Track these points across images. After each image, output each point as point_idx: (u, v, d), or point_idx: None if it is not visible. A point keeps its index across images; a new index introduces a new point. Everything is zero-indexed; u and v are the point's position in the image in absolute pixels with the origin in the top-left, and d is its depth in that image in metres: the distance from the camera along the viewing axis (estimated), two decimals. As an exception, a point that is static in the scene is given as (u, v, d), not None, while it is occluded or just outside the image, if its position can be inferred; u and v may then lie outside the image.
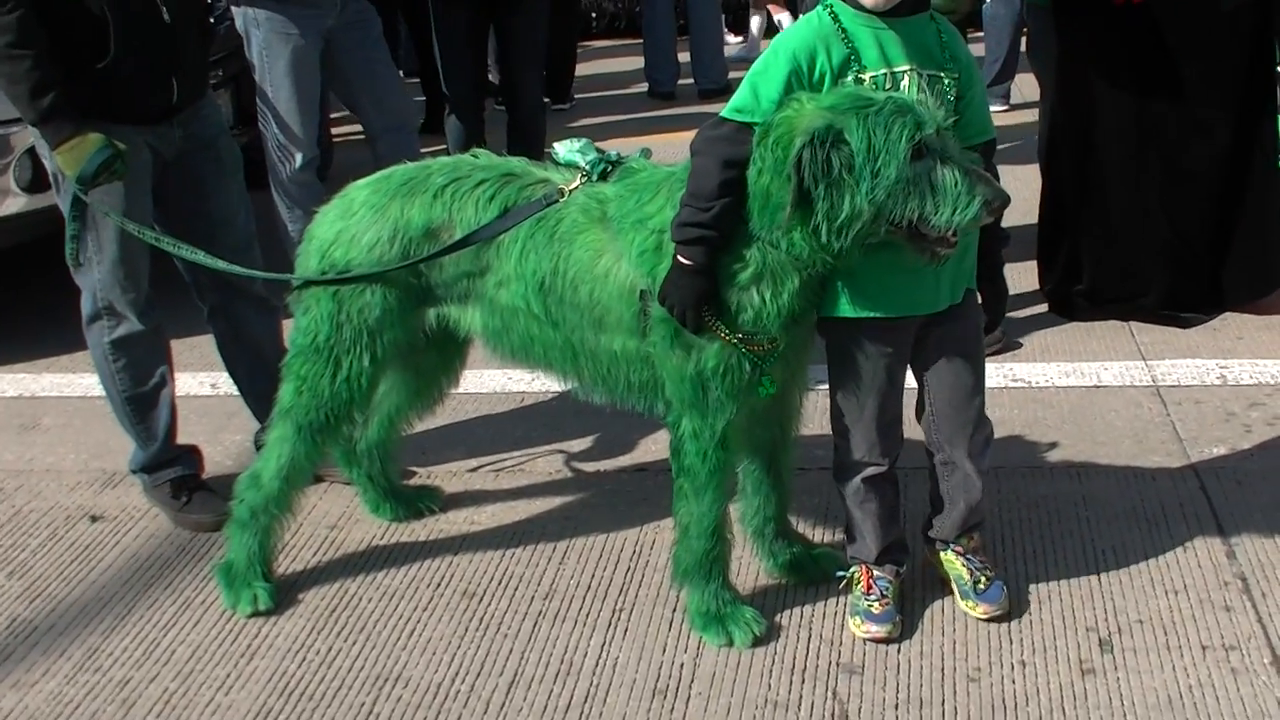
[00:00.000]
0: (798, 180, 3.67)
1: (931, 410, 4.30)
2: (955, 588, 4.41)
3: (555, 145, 4.33)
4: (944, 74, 3.94)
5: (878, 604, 4.30)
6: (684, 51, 12.68)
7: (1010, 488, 5.05)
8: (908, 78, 3.89)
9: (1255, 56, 6.36)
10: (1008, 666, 4.13)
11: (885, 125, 3.64)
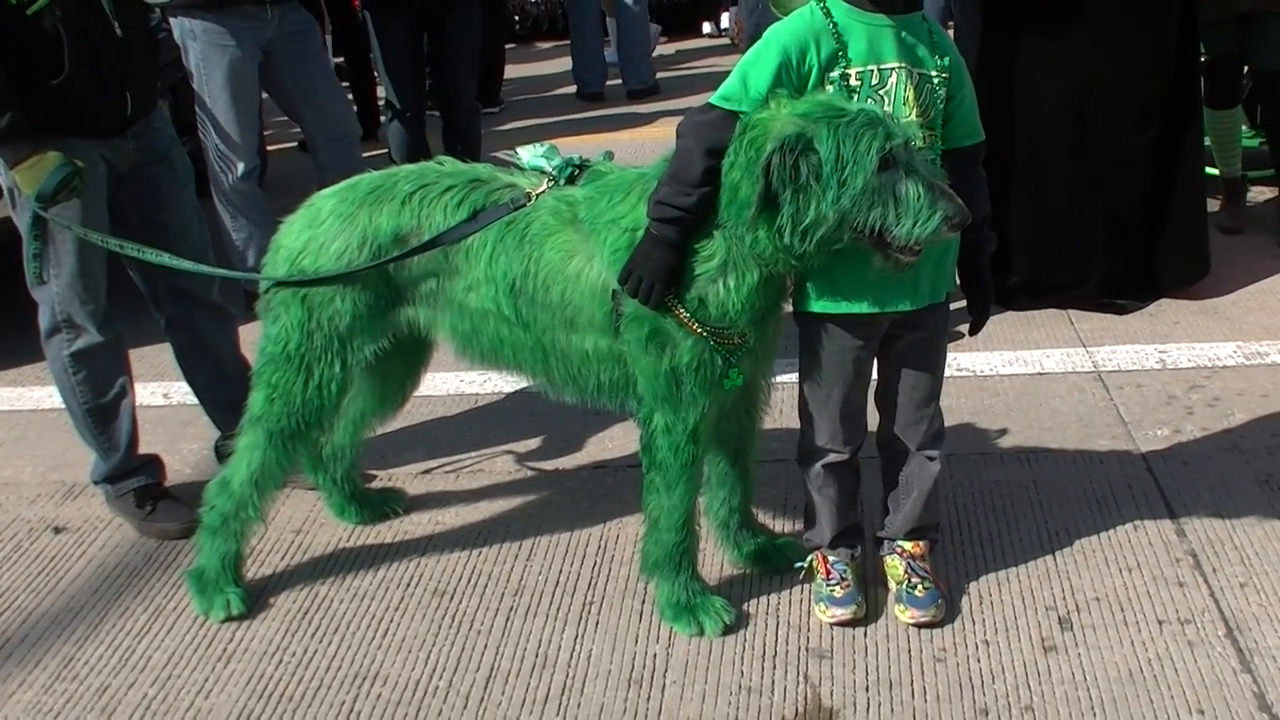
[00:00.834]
0: (765, 184, 3.74)
1: (891, 404, 4.38)
2: (892, 589, 4.48)
3: (519, 150, 4.39)
4: (934, 74, 4.01)
5: (839, 588, 4.39)
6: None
7: (962, 474, 5.16)
8: (895, 75, 3.95)
9: (1183, 43, 6.50)
10: (972, 646, 4.23)
11: (855, 136, 3.71)
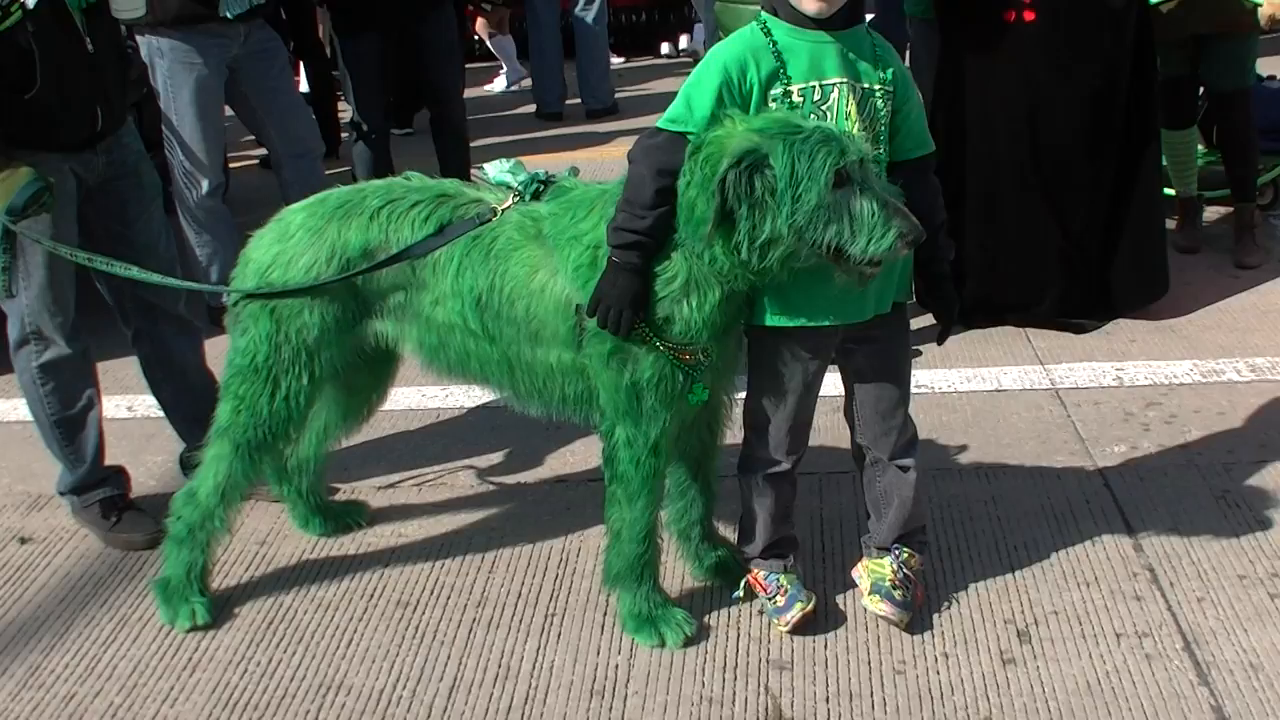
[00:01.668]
0: (720, 200, 3.78)
1: (859, 417, 4.43)
2: (868, 584, 4.49)
3: (485, 166, 4.43)
4: (877, 88, 4.05)
5: (779, 596, 4.45)
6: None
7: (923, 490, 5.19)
8: (837, 90, 3.99)
9: (1138, 71, 6.55)
10: (931, 659, 4.28)
11: (810, 153, 3.75)
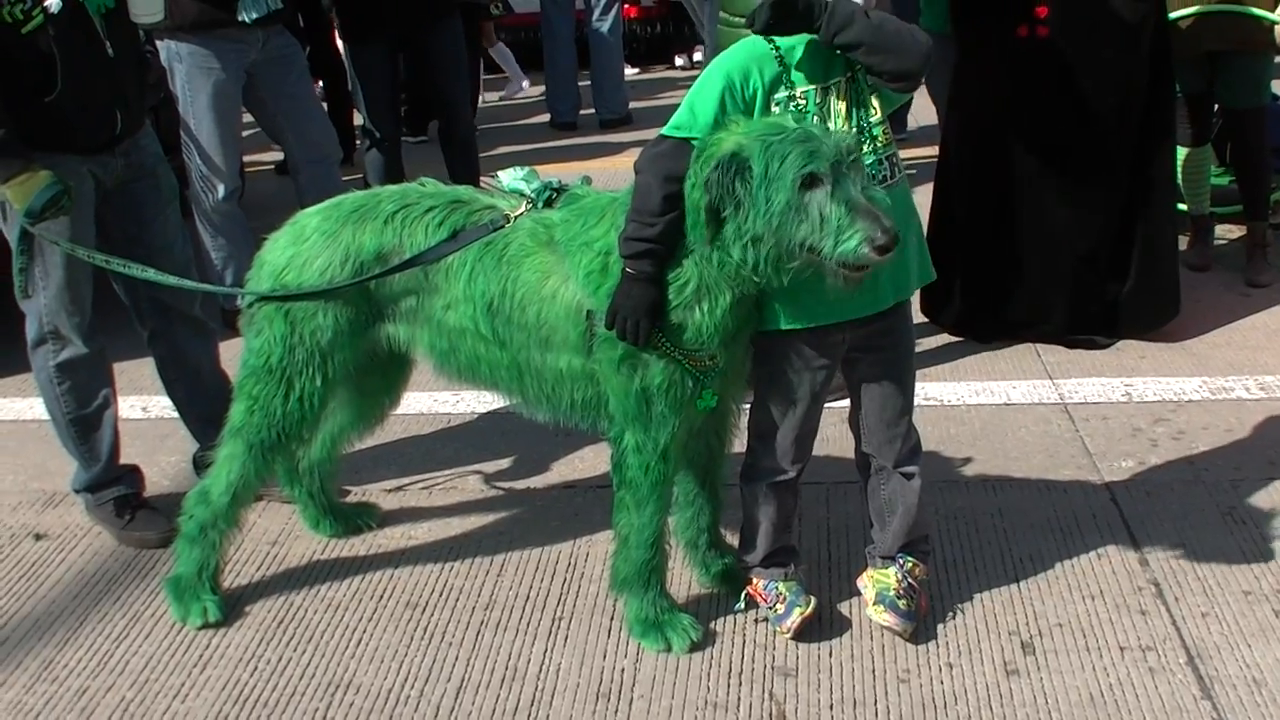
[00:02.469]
0: (707, 200, 3.86)
1: (864, 424, 4.47)
2: (873, 594, 4.50)
3: (499, 174, 4.47)
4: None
5: (779, 604, 4.48)
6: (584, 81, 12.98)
7: (928, 500, 5.17)
8: (833, 90, 4.06)
9: (1155, 87, 6.55)
10: (935, 668, 4.31)
11: (782, 154, 3.79)
